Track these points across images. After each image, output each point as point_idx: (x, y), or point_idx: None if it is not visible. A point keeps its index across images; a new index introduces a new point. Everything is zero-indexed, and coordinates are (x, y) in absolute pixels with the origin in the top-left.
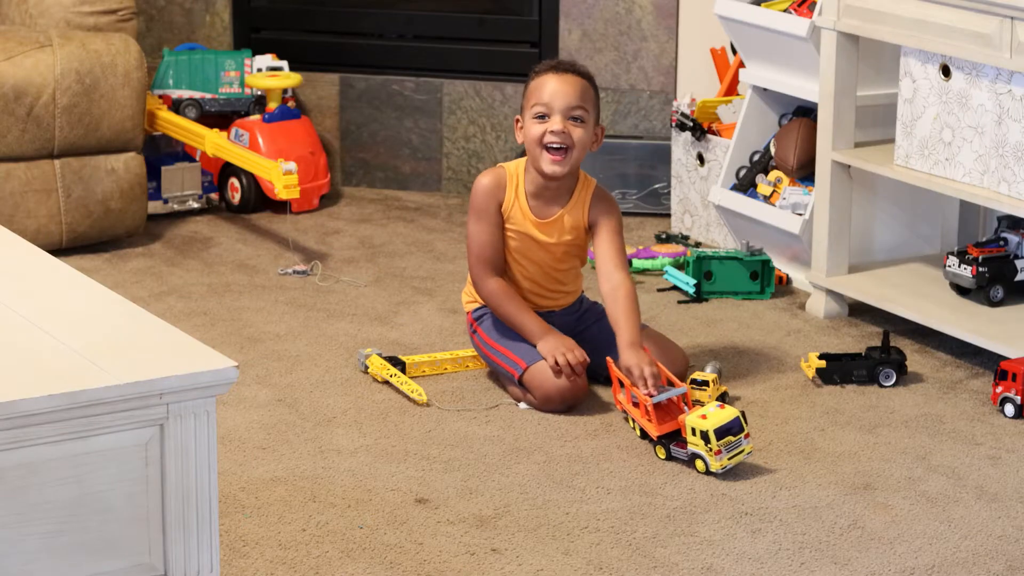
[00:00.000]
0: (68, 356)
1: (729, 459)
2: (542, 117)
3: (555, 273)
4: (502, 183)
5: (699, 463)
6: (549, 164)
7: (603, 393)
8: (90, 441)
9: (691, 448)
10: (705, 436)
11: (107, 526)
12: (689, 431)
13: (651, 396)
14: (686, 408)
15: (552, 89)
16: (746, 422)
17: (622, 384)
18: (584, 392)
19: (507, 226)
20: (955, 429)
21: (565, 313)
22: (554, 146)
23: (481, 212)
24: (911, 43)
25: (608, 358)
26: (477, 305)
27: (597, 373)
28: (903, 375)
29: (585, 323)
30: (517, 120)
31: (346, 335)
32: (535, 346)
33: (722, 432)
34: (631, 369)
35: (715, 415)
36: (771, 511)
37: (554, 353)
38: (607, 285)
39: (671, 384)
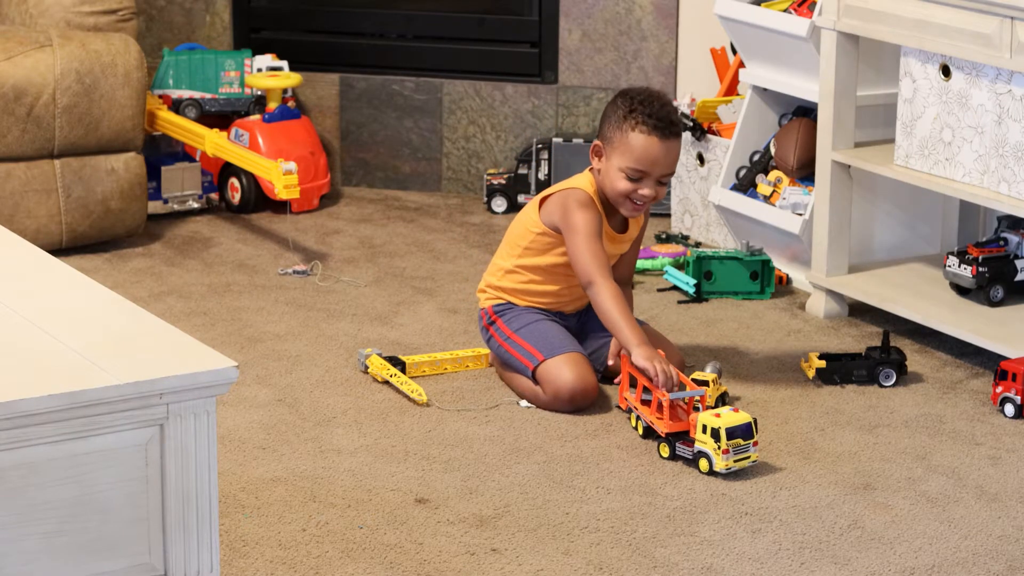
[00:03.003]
0: (68, 356)
1: (735, 461)
2: (636, 180)
3: None
4: (595, 204)
5: (702, 462)
6: (630, 210)
7: (603, 393)
8: (90, 441)
9: (698, 446)
10: (716, 434)
11: (107, 526)
12: (700, 428)
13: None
14: (699, 409)
15: (656, 159)
16: (757, 430)
17: (633, 381)
18: (593, 396)
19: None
20: (955, 429)
21: (579, 313)
22: (640, 203)
23: (592, 228)
24: (911, 43)
25: (624, 355)
26: (499, 301)
27: (595, 369)
28: (903, 375)
29: (583, 320)
30: (598, 147)
31: (346, 335)
32: (630, 353)
33: (733, 433)
34: (646, 369)
35: (729, 416)
36: (771, 511)
37: (653, 360)
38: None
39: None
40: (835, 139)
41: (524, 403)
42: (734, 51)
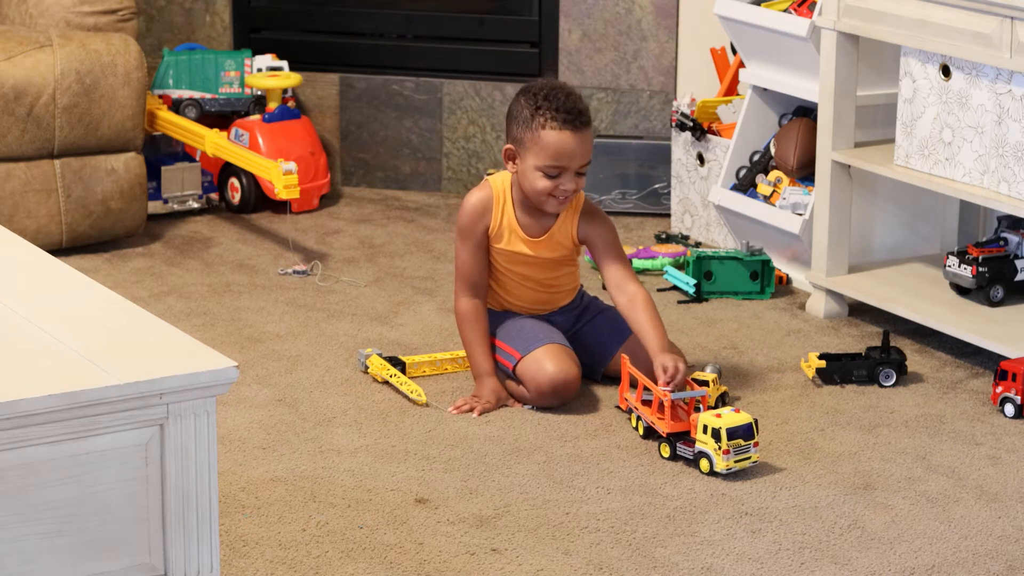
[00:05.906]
0: (68, 356)
1: (735, 462)
2: (555, 176)
3: (549, 280)
4: (488, 205)
5: (703, 462)
6: (555, 207)
7: (603, 393)
8: (90, 441)
9: (698, 447)
10: (716, 434)
11: (107, 526)
12: (700, 428)
13: (669, 392)
14: (700, 410)
15: (572, 152)
16: (758, 431)
17: (633, 382)
18: (576, 386)
19: (497, 246)
20: (955, 429)
21: (565, 311)
22: (563, 199)
23: (466, 233)
24: (911, 43)
25: (624, 356)
26: None
27: (594, 370)
28: (903, 375)
29: (584, 319)
30: (510, 150)
31: (346, 335)
32: (476, 378)
33: (734, 434)
34: (667, 367)
35: (729, 416)
36: (771, 511)
37: (480, 395)
38: (623, 297)
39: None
40: (835, 139)
41: (527, 405)
42: (734, 51)
